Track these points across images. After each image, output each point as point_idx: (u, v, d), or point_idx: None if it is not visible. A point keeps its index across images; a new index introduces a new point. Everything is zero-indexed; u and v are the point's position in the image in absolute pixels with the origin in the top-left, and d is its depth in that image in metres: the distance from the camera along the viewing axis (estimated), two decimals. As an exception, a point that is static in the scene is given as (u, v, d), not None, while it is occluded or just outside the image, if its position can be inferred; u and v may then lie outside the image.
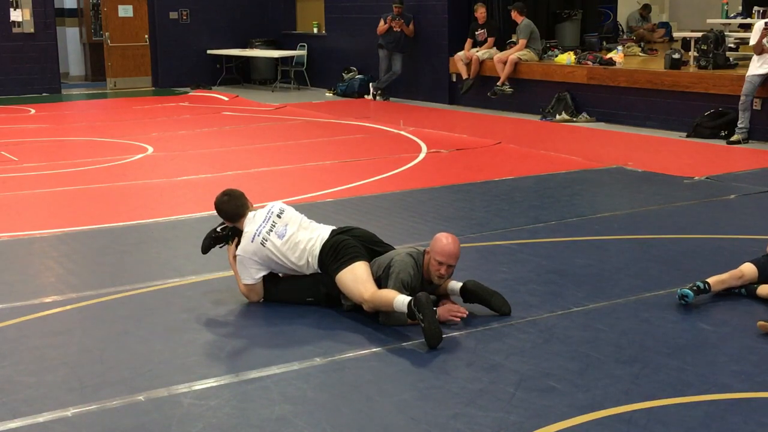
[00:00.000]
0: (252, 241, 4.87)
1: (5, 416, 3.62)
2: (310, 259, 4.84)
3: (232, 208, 5.02)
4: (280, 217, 4.94)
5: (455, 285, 4.79)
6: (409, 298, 4.38)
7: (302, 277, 4.92)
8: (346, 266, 4.67)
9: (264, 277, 4.95)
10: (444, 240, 4.67)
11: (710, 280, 4.85)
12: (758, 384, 3.83)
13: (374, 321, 4.61)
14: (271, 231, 4.88)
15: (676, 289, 4.85)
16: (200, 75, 18.23)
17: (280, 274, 5.02)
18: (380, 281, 4.65)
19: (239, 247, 4.93)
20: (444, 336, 4.39)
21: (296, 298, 4.92)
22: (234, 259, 4.99)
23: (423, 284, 4.71)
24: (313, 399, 3.77)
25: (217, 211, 5.08)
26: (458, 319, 4.57)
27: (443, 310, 4.59)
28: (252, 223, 4.93)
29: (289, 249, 4.85)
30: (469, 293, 4.75)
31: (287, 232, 4.88)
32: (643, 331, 4.46)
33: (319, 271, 4.84)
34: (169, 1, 18.13)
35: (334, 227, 4.98)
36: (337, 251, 4.75)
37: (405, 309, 4.35)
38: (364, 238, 4.89)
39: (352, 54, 16.71)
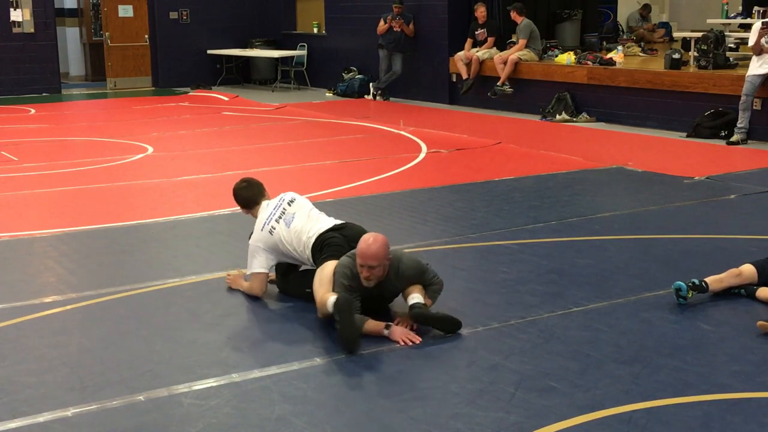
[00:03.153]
0: (261, 230, 4.95)
1: (5, 416, 3.62)
2: (307, 252, 4.89)
3: (249, 194, 5.14)
4: (290, 205, 5.00)
5: (412, 299, 4.50)
6: (335, 297, 4.33)
7: (307, 271, 4.96)
8: (321, 264, 4.71)
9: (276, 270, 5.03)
10: (364, 242, 4.41)
11: (708, 279, 4.86)
12: (758, 384, 3.83)
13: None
14: (280, 219, 4.94)
15: (675, 288, 4.87)
16: (200, 75, 18.22)
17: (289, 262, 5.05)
18: None
19: (251, 237, 5.00)
20: (444, 336, 4.39)
21: (299, 290, 4.94)
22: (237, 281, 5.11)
23: (361, 287, 4.50)
24: (313, 399, 3.78)
25: (234, 197, 5.19)
26: (410, 344, 4.30)
27: (399, 332, 4.36)
28: (264, 212, 5.02)
29: (294, 238, 4.90)
30: (414, 319, 4.46)
31: (293, 221, 4.92)
32: (643, 331, 4.46)
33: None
34: (169, 1, 18.13)
35: (337, 222, 4.99)
36: (322, 249, 4.80)
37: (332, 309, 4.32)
38: (354, 236, 4.85)
39: (352, 54, 16.71)
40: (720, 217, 6.94)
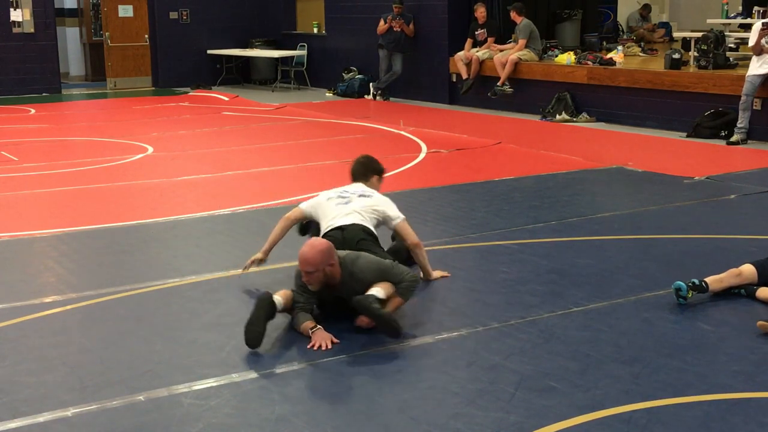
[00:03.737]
0: (328, 191, 5.32)
1: (5, 416, 3.62)
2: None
3: (352, 169, 5.50)
4: (352, 194, 5.19)
5: (369, 292, 4.49)
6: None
7: None
8: None
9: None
10: (306, 245, 4.52)
11: (708, 279, 4.86)
12: (758, 384, 3.83)
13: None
14: (338, 197, 5.18)
15: (675, 288, 4.87)
16: (200, 75, 18.22)
17: None
18: None
19: None
20: (443, 336, 4.40)
21: None
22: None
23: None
24: (313, 399, 3.78)
25: None
26: (323, 348, 4.27)
27: (317, 336, 4.35)
28: (347, 186, 5.34)
29: (324, 216, 5.13)
30: (355, 306, 4.48)
31: (335, 206, 5.12)
32: (643, 331, 4.46)
33: None
34: (169, 1, 18.13)
35: (352, 222, 5.02)
36: None
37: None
38: (351, 237, 4.93)
39: (352, 54, 16.71)
40: (720, 217, 6.93)
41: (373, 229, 5.12)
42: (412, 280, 4.61)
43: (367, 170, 5.48)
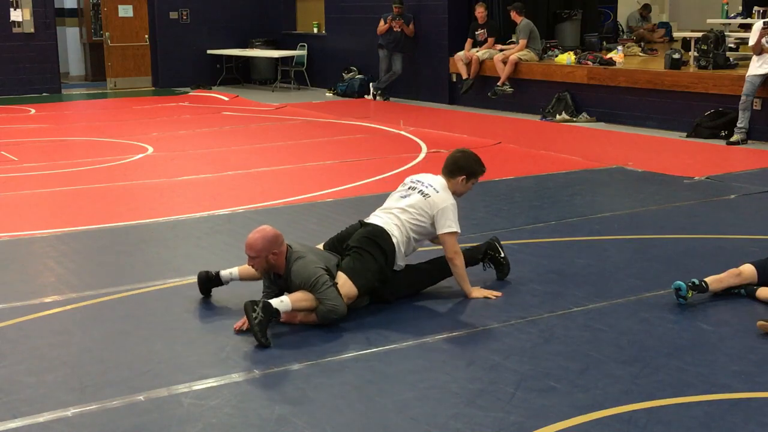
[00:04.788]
0: (409, 177, 5.24)
1: (5, 416, 3.62)
2: None
3: (446, 159, 5.10)
4: (416, 192, 5.02)
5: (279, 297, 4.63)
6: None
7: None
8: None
9: None
10: (254, 231, 4.60)
11: (708, 279, 4.86)
12: (758, 384, 3.83)
13: (373, 321, 4.61)
14: (406, 189, 5.10)
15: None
16: (200, 75, 18.21)
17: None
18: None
19: None
20: (443, 336, 4.40)
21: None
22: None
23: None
24: (313, 399, 3.78)
25: None
26: (237, 328, 4.53)
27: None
28: (423, 176, 5.16)
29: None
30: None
31: (394, 198, 5.12)
32: (643, 331, 4.46)
33: None
34: (169, 1, 18.12)
35: (374, 225, 5.00)
36: None
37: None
38: (352, 241, 4.95)
39: (352, 54, 16.71)
40: (720, 217, 6.94)
41: (396, 237, 4.88)
42: (329, 309, 4.47)
43: (455, 167, 4.99)
